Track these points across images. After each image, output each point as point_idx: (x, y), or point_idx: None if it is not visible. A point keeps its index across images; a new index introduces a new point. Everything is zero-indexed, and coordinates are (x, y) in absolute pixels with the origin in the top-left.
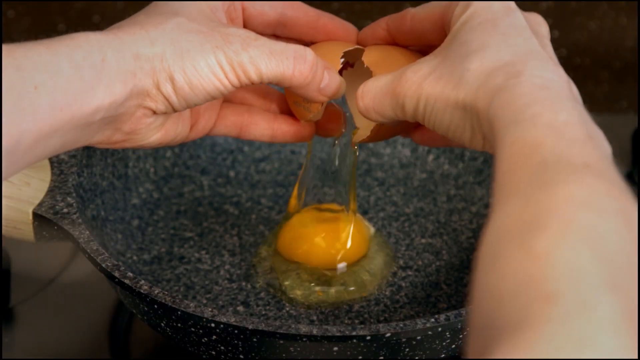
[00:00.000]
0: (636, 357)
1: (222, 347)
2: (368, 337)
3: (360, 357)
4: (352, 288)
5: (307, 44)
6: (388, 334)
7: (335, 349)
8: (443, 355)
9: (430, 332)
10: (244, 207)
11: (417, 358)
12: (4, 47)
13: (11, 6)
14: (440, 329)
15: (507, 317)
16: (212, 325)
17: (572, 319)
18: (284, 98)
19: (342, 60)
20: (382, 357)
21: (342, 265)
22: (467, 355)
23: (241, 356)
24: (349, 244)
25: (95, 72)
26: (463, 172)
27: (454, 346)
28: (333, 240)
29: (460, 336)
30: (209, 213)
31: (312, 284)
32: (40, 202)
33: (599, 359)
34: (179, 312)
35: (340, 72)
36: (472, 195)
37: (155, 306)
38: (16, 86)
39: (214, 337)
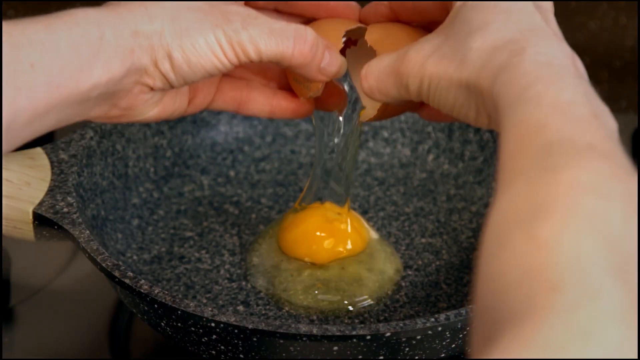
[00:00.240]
0: (636, 348)
1: (222, 347)
2: (368, 337)
3: (360, 357)
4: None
5: (309, 20)
6: (388, 334)
7: (335, 348)
8: (443, 355)
9: (430, 332)
10: (244, 206)
11: (417, 358)
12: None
13: (11, 6)
14: (440, 329)
15: (511, 306)
16: (212, 324)
17: (577, 310)
18: (283, 73)
19: (344, 39)
20: (382, 357)
21: (365, 303)
22: (472, 344)
23: (241, 356)
24: (349, 245)
25: (93, 49)
26: (463, 172)
27: (453, 346)
28: (331, 239)
29: (460, 336)
30: (209, 213)
31: (315, 291)
32: (41, 201)
33: (603, 351)
34: (179, 312)
35: (343, 50)
36: (472, 194)
37: (156, 306)
38: (12, 64)
39: (214, 336)
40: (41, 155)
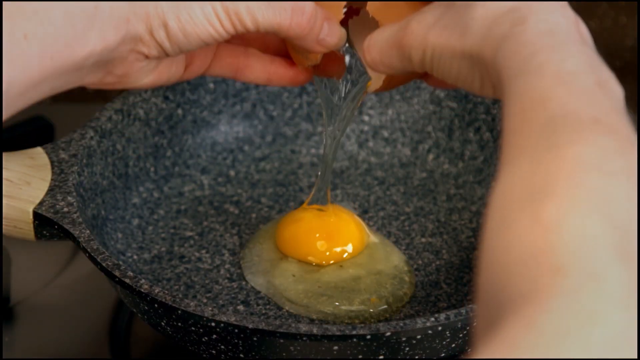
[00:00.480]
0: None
1: (223, 346)
2: (368, 337)
3: (360, 357)
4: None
5: None
6: (388, 333)
7: (336, 348)
8: (443, 355)
9: (430, 332)
10: (244, 206)
11: (417, 357)
12: None
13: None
14: (440, 328)
15: (515, 289)
16: (213, 324)
17: (582, 293)
18: (282, 41)
19: (345, 9)
20: (382, 357)
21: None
22: (476, 327)
23: (241, 355)
24: (349, 247)
25: (88, 18)
26: (463, 172)
27: (454, 345)
28: (328, 240)
29: (460, 335)
30: (209, 212)
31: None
32: (41, 201)
33: (607, 336)
34: (179, 312)
35: (345, 20)
36: (472, 194)
37: (156, 305)
38: (5, 35)
39: (214, 336)
40: (41, 154)
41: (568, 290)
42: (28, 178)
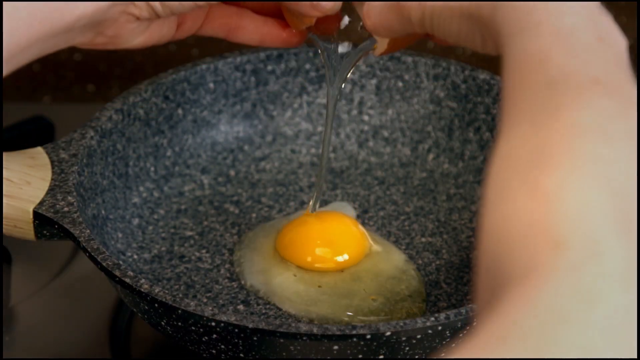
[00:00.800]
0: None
1: (223, 346)
2: (368, 336)
3: (360, 356)
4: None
5: None
6: (388, 333)
7: (336, 347)
8: (443, 354)
9: (430, 331)
10: (244, 206)
11: (417, 357)
12: None
13: None
14: (440, 328)
15: (514, 263)
16: (213, 324)
17: (581, 271)
18: (276, 2)
19: None
20: (382, 356)
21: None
22: (476, 299)
23: (241, 355)
24: (347, 255)
25: None
26: (463, 171)
27: (454, 345)
28: (330, 247)
29: (461, 335)
30: (209, 212)
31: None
32: (41, 200)
33: (607, 315)
34: (180, 311)
35: None
36: (472, 194)
37: (156, 305)
38: None
39: (215, 335)
40: (42, 154)
41: (567, 267)
42: (28, 178)
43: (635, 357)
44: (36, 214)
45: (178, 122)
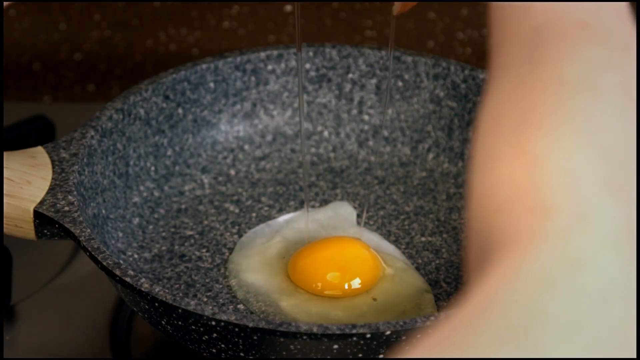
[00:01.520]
0: (633, 277)
1: (223, 345)
2: (368, 335)
3: (360, 355)
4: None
5: None
6: (388, 332)
7: (336, 346)
8: None
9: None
10: (245, 205)
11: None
12: None
13: (12, 5)
14: None
15: (500, 231)
16: (213, 323)
17: (568, 237)
18: None
19: None
20: (382, 355)
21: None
22: (467, 264)
23: (242, 354)
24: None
25: None
26: (463, 171)
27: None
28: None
29: None
30: (209, 211)
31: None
32: (42, 200)
33: (597, 282)
34: (180, 310)
35: None
36: None
37: (156, 304)
38: None
39: (215, 335)
40: (42, 154)
41: (553, 235)
42: (29, 177)
43: (635, 356)
44: (37, 214)
45: (178, 121)
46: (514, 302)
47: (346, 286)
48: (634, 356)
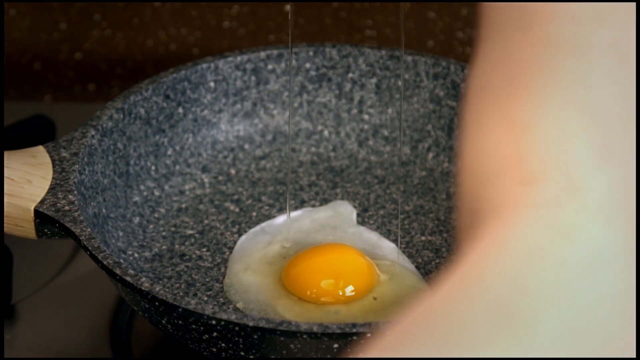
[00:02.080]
0: (625, 246)
1: (223, 344)
2: (369, 335)
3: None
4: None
5: None
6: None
7: (336, 346)
8: None
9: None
10: (245, 204)
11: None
12: None
13: (12, 5)
14: None
15: (491, 200)
16: (213, 322)
17: (557, 205)
18: None
19: None
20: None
21: None
22: (456, 240)
23: (242, 353)
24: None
25: None
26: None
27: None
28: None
29: None
30: (209, 211)
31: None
32: (42, 199)
33: (585, 253)
34: (180, 310)
35: None
36: None
37: (156, 303)
38: None
39: (215, 334)
40: (43, 153)
41: (540, 204)
42: (29, 176)
43: (634, 356)
44: (37, 213)
45: (179, 121)
46: (498, 274)
47: (340, 293)
48: (632, 327)
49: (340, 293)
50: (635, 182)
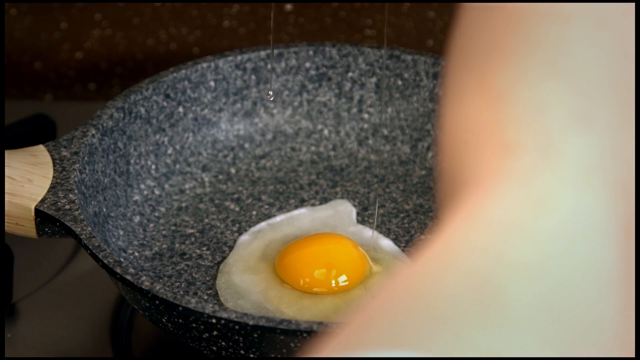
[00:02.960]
0: (617, 204)
1: (223, 343)
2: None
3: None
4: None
5: None
6: None
7: None
8: None
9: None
10: (245, 203)
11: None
12: None
13: (13, 4)
14: None
15: (469, 170)
16: (213, 321)
17: (534, 174)
18: None
19: None
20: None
21: None
22: (436, 211)
23: (242, 352)
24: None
25: None
26: None
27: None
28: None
29: None
30: (210, 210)
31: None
32: (43, 198)
33: (560, 221)
34: (180, 308)
35: None
36: None
37: (157, 302)
38: None
39: (215, 332)
40: (43, 152)
41: (517, 173)
42: (30, 175)
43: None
44: (38, 212)
45: (179, 120)
46: (474, 247)
47: (333, 283)
48: (620, 296)
49: (333, 283)
50: (627, 152)
